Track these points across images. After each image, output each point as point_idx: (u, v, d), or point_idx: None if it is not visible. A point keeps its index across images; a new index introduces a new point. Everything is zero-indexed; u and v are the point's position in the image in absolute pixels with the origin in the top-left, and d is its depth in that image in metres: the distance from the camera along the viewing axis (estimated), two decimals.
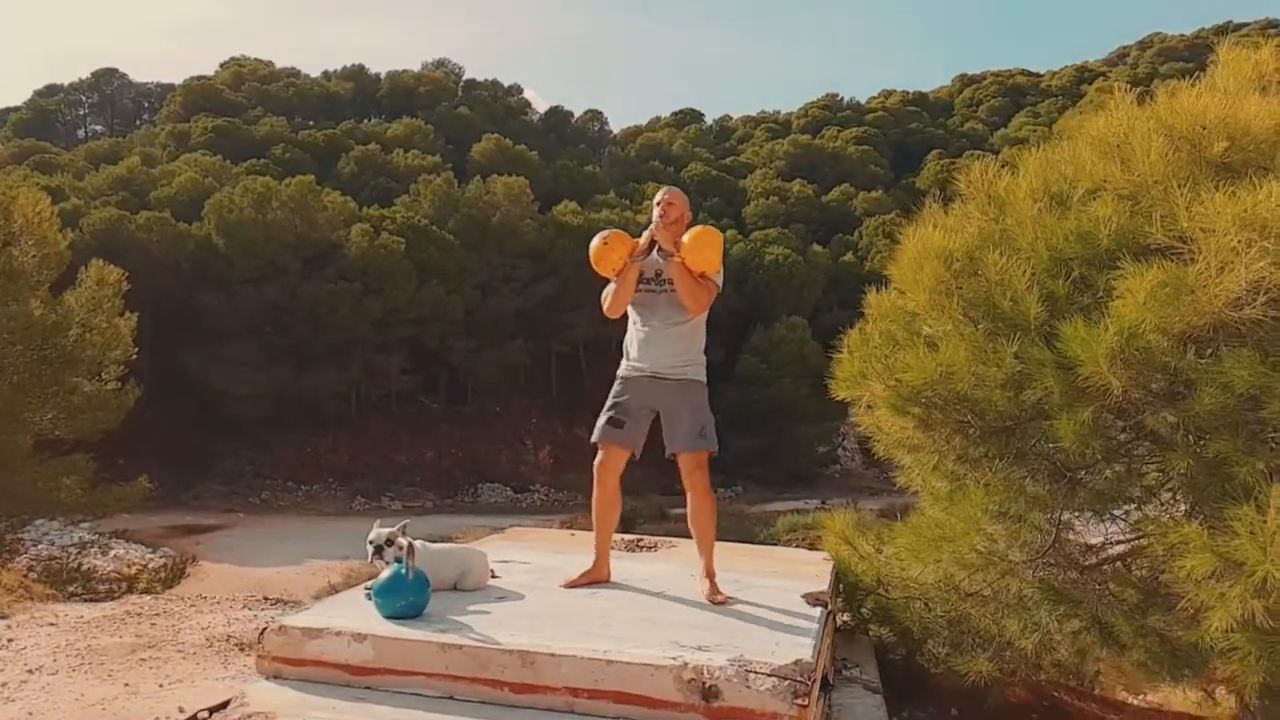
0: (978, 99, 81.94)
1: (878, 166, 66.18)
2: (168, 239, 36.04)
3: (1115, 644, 3.67)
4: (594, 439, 4.11)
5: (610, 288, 4.16)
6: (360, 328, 36.85)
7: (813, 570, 4.64)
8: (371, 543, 3.70)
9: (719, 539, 4.21)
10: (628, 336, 4.20)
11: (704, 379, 4.13)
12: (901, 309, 4.23)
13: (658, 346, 4.06)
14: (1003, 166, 4.49)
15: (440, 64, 75.54)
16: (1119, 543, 4.18)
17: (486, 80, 74.24)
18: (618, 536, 5.14)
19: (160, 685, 4.25)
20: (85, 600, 9.09)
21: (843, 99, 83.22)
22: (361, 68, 71.21)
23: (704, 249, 4.04)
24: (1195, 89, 3.87)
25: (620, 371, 4.20)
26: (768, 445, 38.85)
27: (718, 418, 4.19)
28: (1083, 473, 3.82)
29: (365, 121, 61.75)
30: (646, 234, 4.16)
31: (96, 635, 5.22)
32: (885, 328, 4.26)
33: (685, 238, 4.07)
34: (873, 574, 4.70)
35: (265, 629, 3.26)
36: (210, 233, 37.14)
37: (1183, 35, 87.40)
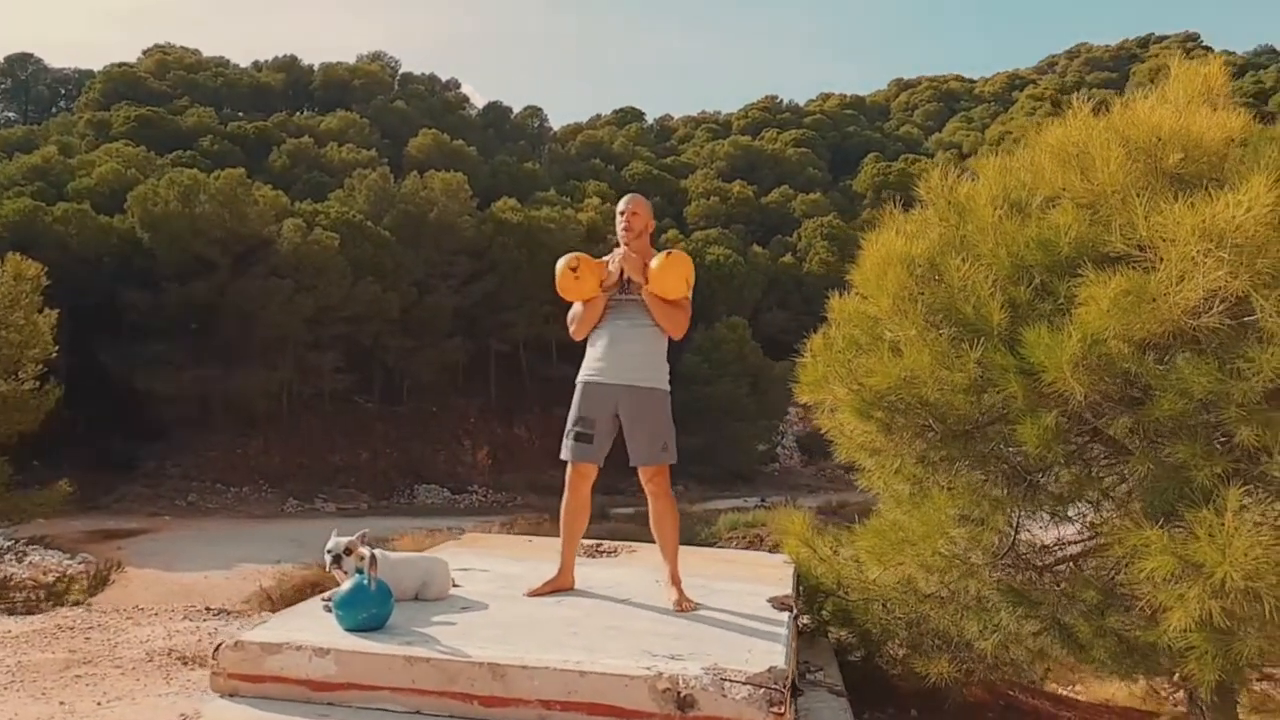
0: (913, 103, 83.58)
1: (816, 169, 67.06)
2: (88, 232, 34.82)
3: (1074, 644, 3.73)
4: (565, 458, 4.03)
5: (577, 310, 4.07)
6: (292, 325, 36.04)
7: (775, 574, 4.64)
8: (329, 552, 3.59)
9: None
10: (590, 335, 4.12)
11: (668, 386, 4.08)
12: (864, 314, 4.24)
13: (622, 345, 3.97)
14: (961, 173, 4.54)
15: (376, 56, 74.37)
16: (1073, 543, 4.26)
17: (424, 74, 73.52)
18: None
19: (99, 703, 4.06)
20: (4, 611, 8.72)
21: (782, 101, 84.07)
22: (294, 58, 69.82)
23: (672, 278, 3.94)
24: (1148, 101, 3.95)
25: (581, 376, 4.12)
26: (709, 444, 39.09)
27: None
28: (1041, 476, 3.89)
29: (298, 114, 60.41)
30: (614, 260, 4.06)
31: (27, 651, 4.98)
32: (848, 332, 4.28)
33: (654, 264, 3.97)
34: (832, 576, 4.72)
35: (220, 644, 3.14)
36: (133, 226, 35.99)
37: (1108, 46, 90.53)
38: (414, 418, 42.17)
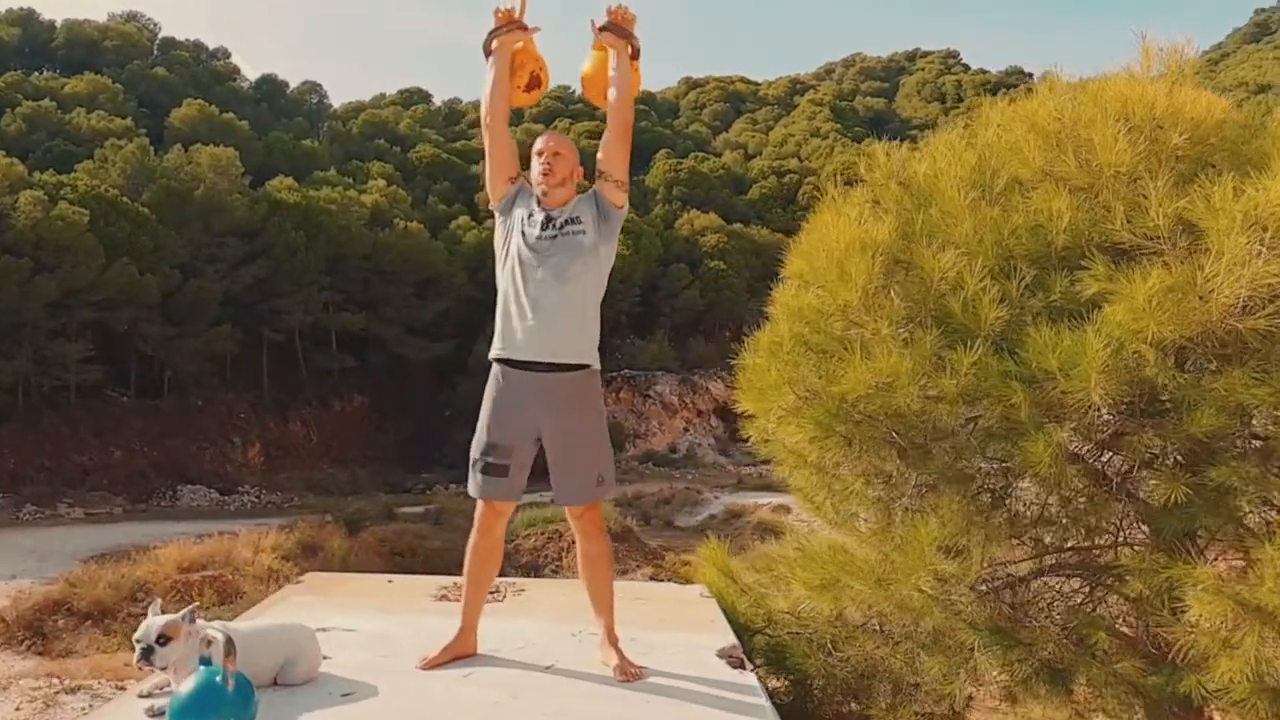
0: (702, 102, 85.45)
1: None
2: None
3: (1064, 687, 3.28)
4: (474, 494, 3.15)
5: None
6: (31, 310, 31.81)
7: (701, 613, 3.92)
8: (139, 642, 2.54)
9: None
10: (499, 313, 3.16)
11: (599, 363, 3.19)
12: (815, 309, 3.63)
13: (546, 314, 3.05)
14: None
15: (131, 17, 67.40)
16: (1015, 562, 3.85)
17: (188, 40, 67.40)
18: (448, 584, 4.19)
19: None
20: None
21: (574, 91, 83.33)
22: (31, 12, 62.01)
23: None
24: (1120, 78, 3.55)
25: (495, 352, 3.16)
26: None
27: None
28: (1009, 498, 3.43)
29: (36, 74, 53.66)
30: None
31: None
32: (797, 330, 3.65)
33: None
34: (759, 611, 4.10)
35: None
36: None
37: (879, 57, 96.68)
38: (176, 412, 38.39)
